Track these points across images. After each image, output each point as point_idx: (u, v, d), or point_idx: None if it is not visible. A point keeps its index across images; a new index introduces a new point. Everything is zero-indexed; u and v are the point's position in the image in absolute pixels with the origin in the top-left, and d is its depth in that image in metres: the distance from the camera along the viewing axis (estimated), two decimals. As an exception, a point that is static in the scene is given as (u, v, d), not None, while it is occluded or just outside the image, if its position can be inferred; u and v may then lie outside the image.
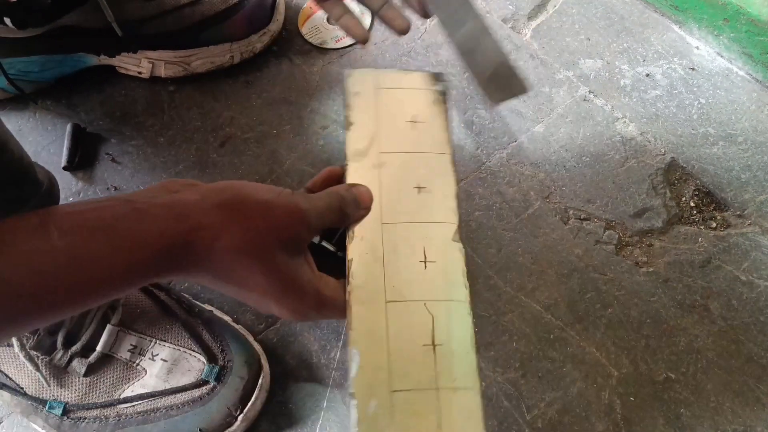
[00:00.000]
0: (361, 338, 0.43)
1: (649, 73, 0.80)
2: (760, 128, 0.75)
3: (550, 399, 0.63)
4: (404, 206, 0.48)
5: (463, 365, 0.43)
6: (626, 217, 0.71)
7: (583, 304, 0.67)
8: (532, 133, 0.76)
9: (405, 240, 0.46)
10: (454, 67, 0.81)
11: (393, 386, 0.42)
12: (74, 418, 0.58)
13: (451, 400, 0.42)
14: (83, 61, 0.78)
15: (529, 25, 0.85)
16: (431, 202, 0.48)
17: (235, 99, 0.80)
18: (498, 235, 0.71)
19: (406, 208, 0.48)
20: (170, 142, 0.77)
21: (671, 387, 0.63)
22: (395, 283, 0.45)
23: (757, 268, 0.68)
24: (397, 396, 0.42)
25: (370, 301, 0.44)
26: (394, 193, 0.48)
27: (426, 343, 0.43)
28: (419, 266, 0.45)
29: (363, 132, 0.51)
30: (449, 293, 0.45)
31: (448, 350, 0.43)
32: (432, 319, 0.44)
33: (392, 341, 0.43)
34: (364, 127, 0.51)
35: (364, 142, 0.50)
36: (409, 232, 0.47)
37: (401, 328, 0.43)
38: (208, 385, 0.58)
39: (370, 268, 0.45)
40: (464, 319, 0.45)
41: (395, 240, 0.46)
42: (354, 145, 0.50)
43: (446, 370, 0.43)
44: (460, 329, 0.44)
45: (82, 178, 0.75)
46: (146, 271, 0.37)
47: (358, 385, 0.42)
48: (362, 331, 0.43)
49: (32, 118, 0.79)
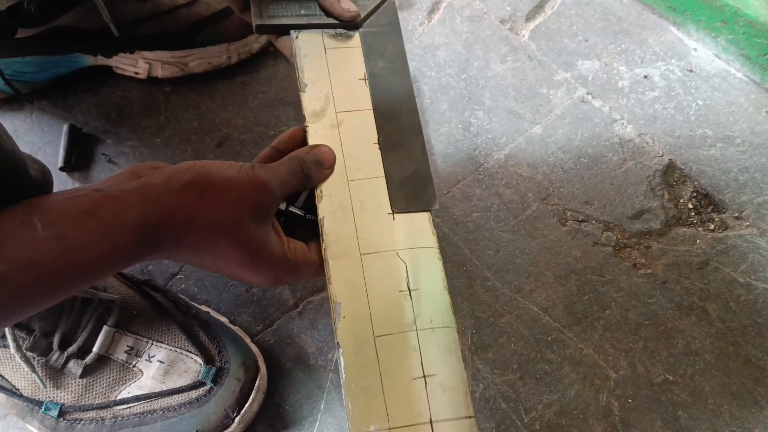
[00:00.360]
0: (342, 291, 0.46)
1: (647, 75, 0.80)
2: (757, 130, 0.75)
3: (548, 401, 0.62)
4: (366, 162, 0.50)
5: (437, 306, 0.46)
6: (624, 218, 0.71)
7: (581, 305, 0.67)
8: (530, 135, 0.76)
9: (371, 194, 0.49)
10: (452, 68, 0.81)
11: (376, 332, 0.45)
12: (70, 419, 0.58)
13: (429, 339, 0.45)
14: (79, 61, 0.78)
15: (527, 26, 0.85)
16: None
17: (232, 100, 0.80)
18: (496, 237, 0.70)
19: (369, 163, 0.50)
20: (167, 143, 0.77)
21: (669, 389, 0.63)
22: (367, 236, 0.47)
23: (755, 270, 0.68)
24: (380, 340, 0.45)
25: (346, 255, 0.47)
26: (355, 150, 0.50)
27: (402, 289, 0.46)
28: (388, 218, 0.48)
29: (318, 93, 0.52)
30: (418, 241, 0.48)
31: (423, 293, 0.47)
32: (405, 266, 0.47)
33: (370, 291, 0.46)
34: (318, 88, 0.53)
35: (320, 103, 0.52)
36: (373, 187, 0.49)
37: (377, 278, 0.46)
38: (204, 386, 0.58)
39: (342, 224, 0.48)
40: (434, 264, 0.48)
41: (362, 195, 0.49)
42: (311, 106, 0.52)
43: (423, 312, 0.46)
44: (431, 273, 0.47)
45: (78, 178, 0.75)
46: (128, 254, 0.38)
47: (343, 335, 0.45)
48: (342, 284, 0.46)
49: (28, 118, 0.79)
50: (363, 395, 0.44)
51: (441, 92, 0.79)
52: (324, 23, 0.55)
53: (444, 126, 0.77)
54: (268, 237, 0.44)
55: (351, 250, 0.47)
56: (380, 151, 0.50)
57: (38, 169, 0.55)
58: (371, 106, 0.52)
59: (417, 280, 0.47)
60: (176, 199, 0.40)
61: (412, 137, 0.52)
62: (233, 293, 0.68)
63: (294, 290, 0.68)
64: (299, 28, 0.55)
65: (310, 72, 0.53)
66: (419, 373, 0.44)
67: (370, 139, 0.51)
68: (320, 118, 0.51)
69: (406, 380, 0.44)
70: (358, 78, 0.53)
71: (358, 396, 0.44)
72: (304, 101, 0.52)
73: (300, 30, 0.55)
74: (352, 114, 0.52)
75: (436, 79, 0.80)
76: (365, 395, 0.44)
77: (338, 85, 0.53)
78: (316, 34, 0.55)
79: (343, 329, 0.45)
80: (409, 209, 0.49)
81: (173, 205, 0.39)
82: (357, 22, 0.55)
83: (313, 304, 0.67)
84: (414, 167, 0.50)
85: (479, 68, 0.81)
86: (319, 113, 0.51)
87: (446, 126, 0.77)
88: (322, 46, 0.55)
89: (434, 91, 0.79)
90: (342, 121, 0.51)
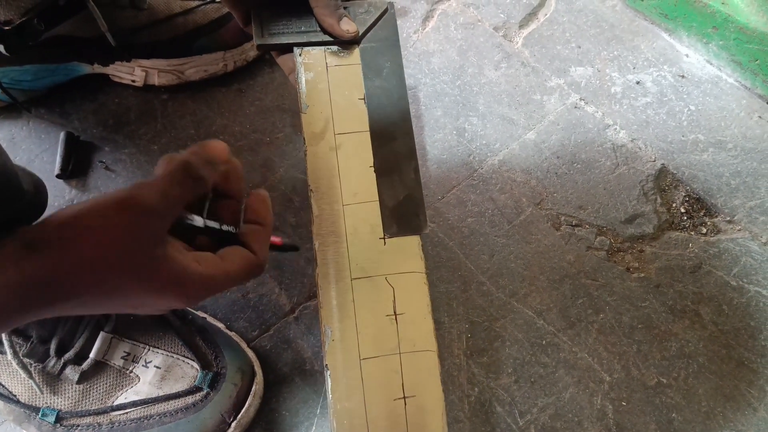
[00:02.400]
0: (332, 315, 0.48)
1: (640, 81, 0.81)
2: (749, 135, 0.76)
3: (542, 404, 0.63)
4: (362, 186, 0.51)
5: (421, 330, 0.48)
6: (617, 223, 0.72)
7: (575, 309, 0.67)
8: (523, 140, 0.77)
9: (364, 219, 0.50)
10: (446, 75, 0.81)
11: (362, 355, 0.47)
12: (67, 425, 0.58)
13: (411, 362, 0.47)
14: (76, 69, 0.78)
15: (521, 33, 0.85)
16: None
17: (228, 107, 0.80)
18: (490, 242, 0.71)
19: (364, 187, 0.51)
20: (163, 150, 0.77)
21: (663, 392, 0.63)
22: (358, 261, 0.49)
23: (747, 273, 0.69)
24: (366, 363, 0.47)
25: (337, 280, 0.48)
26: (352, 173, 0.51)
27: (388, 314, 0.48)
28: (379, 243, 0.49)
29: (318, 114, 0.53)
30: (407, 266, 0.49)
31: (408, 318, 0.48)
32: (393, 291, 0.48)
33: (359, 315, 0.48)
34: (318, 110, 0.53)
35: (320, 125, 0.52)
36: (367, 212, 0.50)
37: (366, 302, 0.48)
38: (201, 391, 0.58)
39: (335, 250, 0.49)
40: (421, 289, 0.49)
41: (355, 221, 0.50)
42: (310, 128, 0.52)
43: (406, 336, 0.48)
44: (417, 298, 0.49)
45: (75, 185, 0.75)
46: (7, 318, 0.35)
47: (332, 357, 0.47)
48: (332, 308, 0.48)
49: (26, 126, 0.80)
50: (347, 415, 0.46)
51: (436, 99, 0.80)
52: (325, 41, 0.55)
53: (439, 132, 0.77)
54: (165, 261, 0.38)
55: (342, 274, 0.48)
56: (375, 174, 0.51)
57: (31, 182, 0.55)
58: (368, 127, 0.53)
59: (403, 305, 0.48)
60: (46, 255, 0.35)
61: (406, 161, 0.52)
62: (229, 299, 0.69)
63: (290, 296, 0.69)
64: (300, 46, 0.55)
65: (311, 92, 0.54)
66: (399, 394, 0.46)
67: (366, 163, 0.51)
68: (320, 140, 0.52)
69: (387, 400, 0.46)
70: (358, 98, 0.54)
71: (342, 415, 0.46)
72: (304, 123, 0.52)
73: (303, 47, 0.56)
74: (350, 136, 0.52)
75: (431, 85, 0.81)
76: (349, 415, 0.46)
77: (338, 106, 0.53)
78: (318, 50, 0.56)
79: (331, 352, 0.47)
80: (401, 233, 0.50)
81: (45, 271, 0.35)
82: (357, 39, 0.56)
83: (309, 309, 0.68)
84: (406, 192, 0.51)
85: (473, 75, 0.82)
86: (318, 135, 0.52)
87: (441, 132, 0.77)
88: (324, 64, 0.55)
89: (429, 98, 0.80)
90: (340, 144, 0.52)
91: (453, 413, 0.62)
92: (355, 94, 0.54)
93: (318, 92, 0.54)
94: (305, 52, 0.55)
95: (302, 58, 0.55)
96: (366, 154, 0.52)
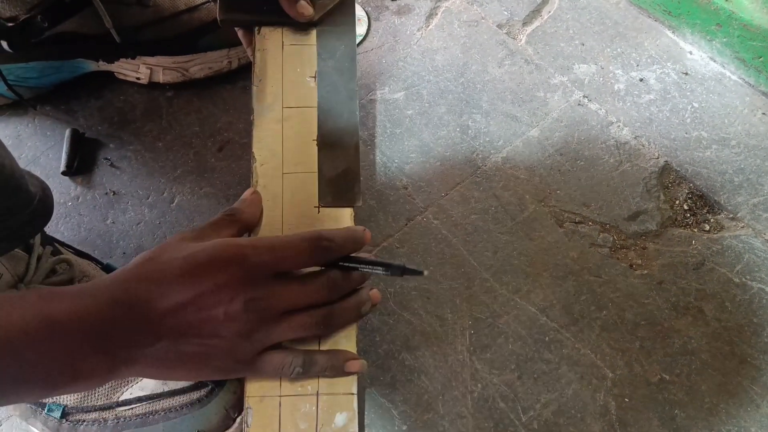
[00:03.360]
0: None
1: (643, 78, 0.81)
2: (752, 132, 0.76)
3: (545, 400, 0.63)
4: (303, 157, 0.52)
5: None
6: (621, 220, 0.72)
7: (579, 306, 0.67)
8: (527, 138, 0.77)
9: (302, 188, 0.51)
10: (450, 72, 0.82)
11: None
12: (73, 420, 0.58)
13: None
14: (82, 66, 0.79)
15: (524, 30, 0.85)
16: None
17: (233, 104, 0.81)
18: (494, 239, 0.71)
19: (305, 159, 0.52)
20: (168, 147, 0.78)
21: (666, 388, 0.63)
22: (291, 225, 0.50)
23: (750, 270, 0.69)
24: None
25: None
26: (295, 145, 0.53)
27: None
28: (313, 211, 0.51)
29: (270, 88, 0.55)
30: None
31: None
32: None
33: None
34: (270, 84, 0.55)
35: (270, 98, 0.54)
36: (305, 181, 0.52)
37: None
38: (206, 387, 0.58)
39: (271, 213, 0.50)
40: None
41: (293, 188, 0.51)
42: (260, 100, 0.54)
43: None
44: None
45: (80, 182, 0.76)
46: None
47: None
48: None
49: (31, 123, 0.80)
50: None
51: (439, 96, 0.80)
52: (283, 21, 0.57)
53: (442, 129, 0.78)
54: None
55: (275, 234, 0.50)
56: (317, 147, 0.53)
57: (38, 184, 0.56)
58: (316, 104, 0.54)
59: None
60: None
61: (348, 137, 0.54)
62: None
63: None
64: (261, 24, 0.57)
65: (265, 66, 0.56)
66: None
67: (310, 136, 0.53)
68: (268, 113, 0.54)
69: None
70: (309, 75, 0.56)
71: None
72: (254, 95, 0.55)
73: (262, 26, 0.57)
74: (297, 110, 0.54)
75: (435, 83, 0.81)
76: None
77: (289, 81, 0.55)
78: (277, 30, 0.57)
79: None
80: (335, 204, 0.51)
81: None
82: (314, 21, 0.57)
83: (313, 305, 0.68)
84: (345, 165, 0.53)
85: (477, 72, 0.82)
86: (267, 108, 0.54)
87: (444, 129, 0.78)
88: (280, 42, 0.57)
89: (433, 95, 0.80)
90: (287, 117, 0.54)
91: (456, 409, 0.63)
92: (307, 72, 0.56)
93: (271, 67, 0.56)
94: (264, 29, 0.57)
95: (261, 35, 0.57)
96: (311, 128, 0.53)
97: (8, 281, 0.54)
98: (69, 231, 0.73)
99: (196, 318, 0.35)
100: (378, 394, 0.63)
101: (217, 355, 0.37)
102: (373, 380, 0.64)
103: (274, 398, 0.46)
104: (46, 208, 0.57)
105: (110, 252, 0.72)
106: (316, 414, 0.46)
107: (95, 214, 0.74)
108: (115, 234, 0.73)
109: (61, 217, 0.74)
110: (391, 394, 0.64)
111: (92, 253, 0.68)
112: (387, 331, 0.66)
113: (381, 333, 0.66)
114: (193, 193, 0.75)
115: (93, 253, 0.68)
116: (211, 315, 0.36)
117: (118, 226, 0.73)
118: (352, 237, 0.44)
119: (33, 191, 0.54)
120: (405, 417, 0.63)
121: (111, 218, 0.74)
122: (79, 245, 0.67)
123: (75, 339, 0.32)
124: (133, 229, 0.73)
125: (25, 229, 0.53)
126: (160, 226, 0.73)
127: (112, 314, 0.34)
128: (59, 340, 0.32)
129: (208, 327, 0.36)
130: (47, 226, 0.58)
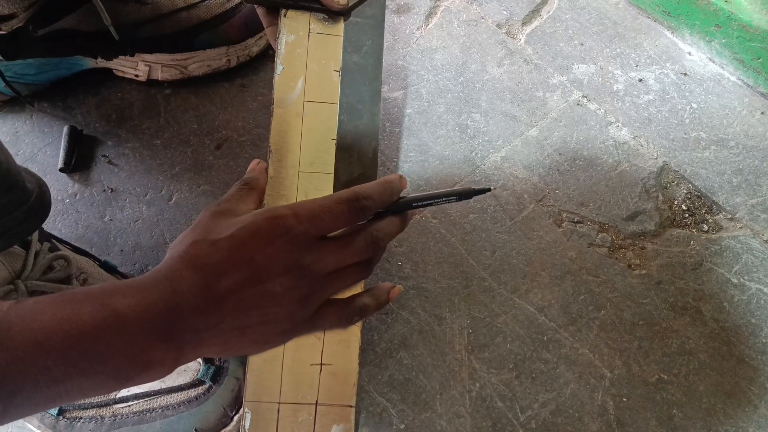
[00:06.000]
0: None
1: (642, 78, 0.81)
2: (751, 133, 0.76)
3: (543, 400, 0.63)
4: (320, 157, 0.51)
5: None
6: (619, 220, 0.72)
7: (577, 305, 0.67)
8: (526, 137, 0.77)
9: (316, 189, 0.50)
10: (449, 71, 0.82)
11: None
12: (70, 417, 0.58)
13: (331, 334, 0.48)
14: (80, 63, 0.78)
15: (524, 30, 0.85)
16: None
17: (231, 102, 0.80)
18: (492, 238, 0.71)
19: (322, 158, 0.51)
20: (166, 145, 0.77)
21: (664, 388, 0.63)
22: None
23: (748, 270, 0.69)
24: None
25: None
26: (313, 143, 0.51)
27: None
28: None
29: (292, 78, 0.52)
30: None
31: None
32: None
33: None
34: (293, 74, 0.53)
35: (291, 90, 0.52)
36: (320, 182, 0.50)
37: None
38: (203, 385, 0.58)
39: None
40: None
41: (307, 187, 0.50)
42: (282, 91, 0.52)
43: None
44: None
45: (78, 179, 0.76)
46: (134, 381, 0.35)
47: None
48: None
49: (29, 120, 0.80)
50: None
51: (438, 95, 0.80)
52: (313, 6, 0.54)
53: (441, 128, 0.78)
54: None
55: None
56: (336, 148, 0.51)
57: (35, 181, 0.55)
58: (338, 101, 0.53)
59: None
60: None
61: (367, 141, 0.52)
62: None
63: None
64: (288, 7, 0.54)
65: (289, 55, 0.53)
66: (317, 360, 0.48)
67: (329, 135, 0.52)
68: (288, 105, 0.52)
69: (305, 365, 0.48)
70: (334, 69, 0.54)
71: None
72: (276, 85, 0.52)
73: (289, 8, 0.55)
74: (319, 105, 0.52)
75: (434, 82, 0.81)
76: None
77: (312, 74, 0.53)
78: (305, 15, 0.55)
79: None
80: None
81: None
82: (345, 11, 0.55)
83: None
84: (362, 170, 0.51)
85: (476, 71, 0.82)
86: (287, 99, 0.52)
87: (443, 128, 0.78)
88: (307, 28, 0.54)
89: (432, 94, 0.80)
90: (308, 112, 0.52)
91: (454, 408, 0.62)
92: (332, 66, 0.54)
93: (295, 56, 0.53)
94: (291, 13, 0.54)
95: (287, 18, 0.54)
96: (331, 126, 0.52)
97: (5, 278, 0.53)
98: (66, 228, 0.73)
99: (254, 293, 0.37)
100: (376, 392, 0.63)
101: (279, 321, 0.38)
102: (371, 379, 0.64)
103: (273, 404, 0.46)
104: (43, 205, 0.57)
105: (108, 249, 0.72)
106: (314, 423, 0.45)
107: (93, 211, 0.74)
108: (112, 231, 0.73)
109: (58, 214, 0.73)
110: (389, 393, 0.63)
111: (90, 249, 0.68)
112: (385, 329, 0.66)
113: (379, 332, 0.66)
114: (191, 190, 0.75)
115: (90, 250, 0.68)
116: (267, 288, 0.37)
117: (115, 223, 0.73)
118: (389, 190, 0.43)
119: (30, 188, 0.54)
120: (403, 416, 0.62)
121: (108, 215, 0.73)
122: (76, 242, 0.67)
123: (144, 332, 0.34)
124: (130, 226, 0.73)
125: (23, 226, 0.53)
126: (157, 224, 0.73)
127: (176, 304, 0.35)
128: (129, 333, 0.34)
129: (267, 299, 0.37)
130: (45, 223, 0.57)
